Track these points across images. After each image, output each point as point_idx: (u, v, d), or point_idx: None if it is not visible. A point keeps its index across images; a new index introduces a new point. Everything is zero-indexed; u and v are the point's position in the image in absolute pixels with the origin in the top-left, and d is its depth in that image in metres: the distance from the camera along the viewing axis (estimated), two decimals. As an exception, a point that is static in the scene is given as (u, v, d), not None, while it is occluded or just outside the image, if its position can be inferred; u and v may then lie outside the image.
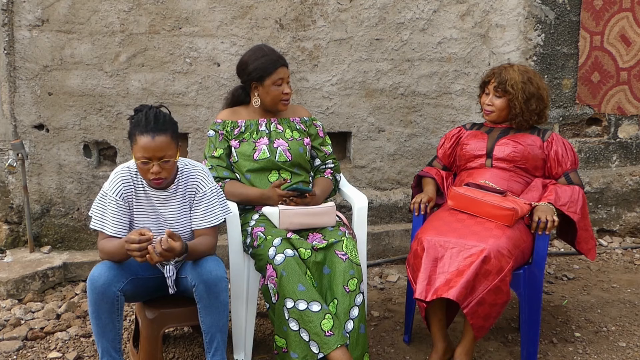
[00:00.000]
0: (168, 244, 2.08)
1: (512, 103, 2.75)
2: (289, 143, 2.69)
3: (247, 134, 2.70)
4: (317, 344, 2.25)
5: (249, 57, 2.67)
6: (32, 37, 3.31)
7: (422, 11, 3.69)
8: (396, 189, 3.90)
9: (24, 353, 2.69)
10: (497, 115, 2.82)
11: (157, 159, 2.19)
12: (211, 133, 2.73)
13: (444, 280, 2.33)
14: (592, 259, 2.78)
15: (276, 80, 2.63)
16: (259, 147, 2.66)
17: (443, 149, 2.99)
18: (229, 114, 2.75)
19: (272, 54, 2.66)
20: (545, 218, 2.51)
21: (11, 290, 3.13)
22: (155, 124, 2.19)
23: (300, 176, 2.71)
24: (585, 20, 3.93)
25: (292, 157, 2.68)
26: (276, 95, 2.65)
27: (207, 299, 2.22)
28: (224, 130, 2.71)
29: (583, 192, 2.71)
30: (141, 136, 2.18)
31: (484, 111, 2.87)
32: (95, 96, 3.42)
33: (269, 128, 2.72)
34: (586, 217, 2.74)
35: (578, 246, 2.74)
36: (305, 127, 2.81)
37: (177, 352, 2.73)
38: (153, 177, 2.22)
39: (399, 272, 3.61)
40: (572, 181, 2.74)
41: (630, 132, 4.17)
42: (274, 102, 2.67)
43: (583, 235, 2.71)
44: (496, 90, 2.78)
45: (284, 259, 2.35)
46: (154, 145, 2.17)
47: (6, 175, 3.45)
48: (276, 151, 2.66)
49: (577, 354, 2.76)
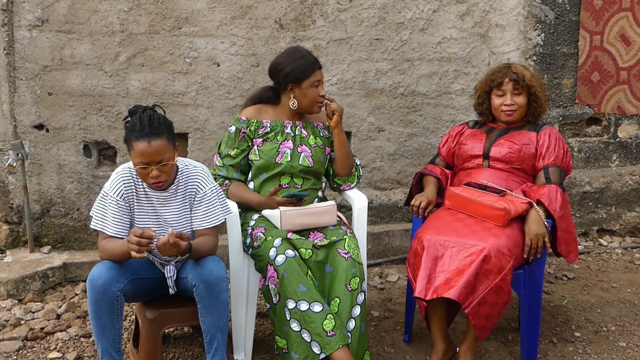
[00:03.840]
0: (175, 240, 2.07)
1: (534, 96, 2.75)
2: (312, 150, 2.68)
3: (272, 134, 2.67)
4: (319, 345, 2.25)
5: (285, 58, 2.63)
6: (32, 37, 3.31)
7: (422, 11, 3.69)
8: (396, 188, 3.90)
9: (24, 353, 2.69)
10: (520, 113, 2.78)
11: (156, 163, 2.18)
12: (232, 129, 2.68)
13: (444, 279, 2.33)
14: (572, 262, 2.67)
15: (314, 82, 2.60)
16: (282, 149, 2.64)
17: (447, 146, 2.95)
18: (254, 113, 2.70)
19: (309, 56, 2.63)
20: (537, 243, 2.46)
21: (11, 290, 3.13)
22: (150, 128, 2.17)
23: (309, 181, 2.71)
24: (585, 20, 3.93)
25: (314, 164, 2.68)
26: (313, 97, 2.62)
27: (208, 299, 2.22)
28: (248, 129, 2.66)
29: (561, 192, 2.60)
30: (137, 142, 2.17)
31: (503, 113, 2.78)
32: (95, 96, 3.42)
33: (294, 132, 2.69)
34: (568, 218, 2.64)
35: (559, 248, 2.62)
36: (328, 133, 2.79)
37: (177, 352, 2.73)
38: (153, 181, 2.21)
39: (399, 272, 3.61)
40: (549, 176, 2.64)
41: (630, 132, 4.18)
42: (311, 104, 2.64)
43: (563, 237, 2.61)
44: (515, 88, 2.74)
45: (285, 260, 2.35)
46: (150, 150, 2.16)
47: (6, 175, 3.44)
48: (299, 156, 2.65)
49: (577, 354, 2.76)
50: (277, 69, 2.64)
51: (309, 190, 2.69)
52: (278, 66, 2.64)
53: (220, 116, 3.55)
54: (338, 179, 2.82)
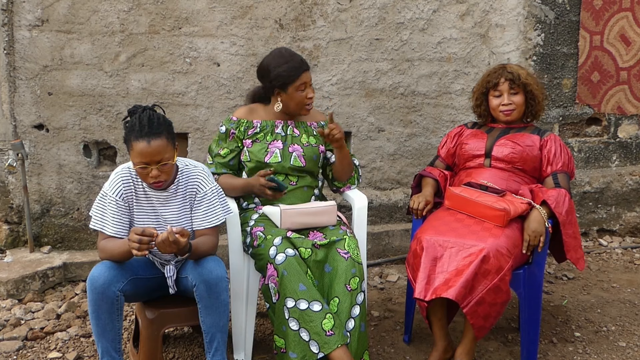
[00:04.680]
0: (175, 237, 2.07)
1: (531, 94, 2.75)
2: (304, 149, 2.67)
3: (261, 134, 2.66)
4: (318, 344, 2.25)
5: (270, 62, 2.59)
6: (32, 37, 3.31)
7: (422, 11, 3.69)
8: (396, 188, 3.90)
9: (24, 353, 2.69)
10: (518, 112, 2.78)
11: (155, 163, 2.18)
12: (222, 129, 2.68)
13: (443, 279, 2.33)
14: (580, 269, 2.66)
15: (299, 87, 2.58)
16: (271, 149, 2.63)
17: (446, 147, 2.96)
18: (245, 113, 2.70)
19: (293, 60, 2.58)
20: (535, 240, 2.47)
21: (11, 290, 3.13)
22: (150, 127, 2.17)
23: (305, 179, 2.70)
24: (585, 20, 3.93)
25: (306, 163, 2.67)
26: (300, 100, 2.60)
27: (208, 299, 2.22)
28: (237, 129, 2.67)
29: (569, 197, 2.61)
30: (137, 142, 2.16)
31: (502, 113, 2.78)
32: (95, 96, 3.43)
33: (285, 131, 2.69)
34: (574, 224, 2.63)
35: (567, 254, 2.61)
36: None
37: (177, 352, 2.73)
38: (152, 180, 2.21)
39: (399, 272, 3.61)
40: (558, 182, 2.66)
41: (630, 132, 4.17)
42: (298, 107, 2.63)
43: (572, 243, 2.61)
44: (512, 87, 2.74)
45: (285, 259, 2.35)
46: (150, 150, 2.16)
47: (6, 175, 3.45)
48: (290, 156, 2.65)
49: (577, 354, 2.76)
50: (263, 72, 2.62)
51: (304, 187, 2.69)
52: (263, 70, 2.62)
53: (220, 116, 3.55)
54: (338, 183, 2.82)
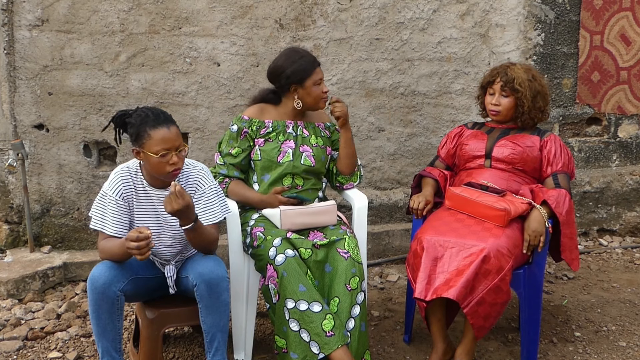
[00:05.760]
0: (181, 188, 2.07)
1: (520, 101, 2.72)
2: (313, 149, 2.68)
3: (273, 133, 2.66)
4: (318, 344, 2.26)
5: (284, 61, 2.61)
6: (32, 37, 3.31)
7: (422, 11, 3.69)
8: (396, 188, 3.90)
9: (24, 353, 2.69)
10: (504, 115, 2.77)
11: (175, 149, 2.20)
12: (234, 128, 2.67)
13: (444, 279, 2.33)
14: (575, 270, 2.67)
15: (316, 80, 2.61)
16: (284, 149, 2.64)
17: (446, 148, 2.96)
18: (257, 112, 2.69)
19: (308, 55, 2.63)
20: (536, 240, 2.47)
21: (11, 290, 3.13)
22: (164, 115, 2.22)
23: (310, 181, 2.71)
24: (585, 19, 3.93)
25: (315, 163, 2.68)
26: (317, 94, 2.62)
27: (209, 299, 2.22)
28: (250, 128, 2.66)
29: (570, 197, 2.61)
30: (155, 130, 2.17)
31: (489, 112, 2.81)
32: (95, 96, 3.43)
33: (295, 131, 2.69)
34: (572, 225, 2.63)
35: (562, 254, 2.62)
36: (329, 132, 2.80)
37: (177, 352, 2.73)
38: (173, 168, 2.21)
39: (399, 272, 3.61)
40: (559, 182, 2.66)
41: (630, 132, 4.17)
42: (316, 102, 2.64)
43: (567, 244, 2.61)
44: (503, 89, 2.73)
45: (284, 260, 2.35)
46: (171, 135, 2.18)
47: (6, 175, 3.45)
48: (301, 156, 2.65)
49: (577, 354, 2.76)
50: (278, 71, 2.62)
51: (309, 190, 2.69)
52: (278, 69, 2.62)
53: (221, 116, 3.55)
54: (341, 178, 2.82)
